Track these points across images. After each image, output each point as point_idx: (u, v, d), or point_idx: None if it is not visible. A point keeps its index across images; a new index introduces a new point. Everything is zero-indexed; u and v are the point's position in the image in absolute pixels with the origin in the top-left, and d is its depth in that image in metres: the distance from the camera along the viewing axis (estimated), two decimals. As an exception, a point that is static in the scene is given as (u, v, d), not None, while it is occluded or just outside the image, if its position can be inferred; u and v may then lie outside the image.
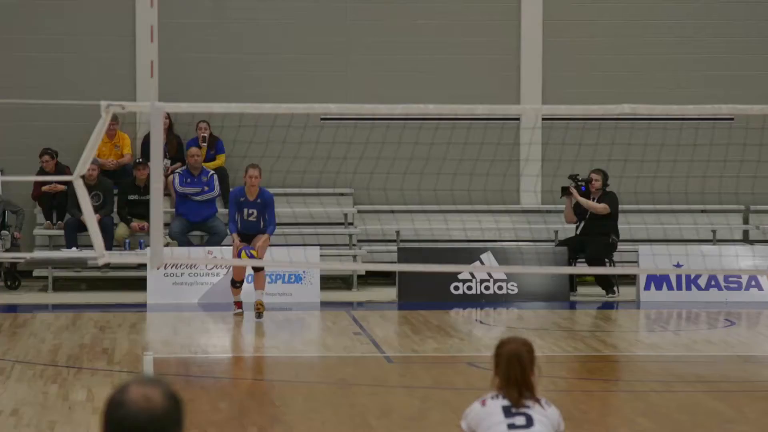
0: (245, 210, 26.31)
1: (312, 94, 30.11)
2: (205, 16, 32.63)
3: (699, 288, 29.80)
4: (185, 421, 5.78)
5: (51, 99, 26.09)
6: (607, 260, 30.18)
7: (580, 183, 29.99)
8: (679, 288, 29.88)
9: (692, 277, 29.83)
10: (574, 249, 30.34)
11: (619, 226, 30.55)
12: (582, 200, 30.13)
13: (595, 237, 30.19)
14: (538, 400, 10.95)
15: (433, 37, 32.85)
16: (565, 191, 30.36)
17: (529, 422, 10.92)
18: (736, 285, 29.92)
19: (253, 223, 26.53)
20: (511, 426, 10.87)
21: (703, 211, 31.87)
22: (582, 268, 30.66)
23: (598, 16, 32.78)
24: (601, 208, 29.96)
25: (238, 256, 26.55)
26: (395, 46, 32.56)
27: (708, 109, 27.06)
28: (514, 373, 10.90)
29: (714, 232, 32.26)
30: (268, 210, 26.77)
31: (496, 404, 10.82)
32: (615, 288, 30.43)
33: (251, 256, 26.22)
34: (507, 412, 10.84)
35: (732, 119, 27.45)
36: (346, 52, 32.50)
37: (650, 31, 33.09)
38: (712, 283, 29.82)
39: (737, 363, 24.10)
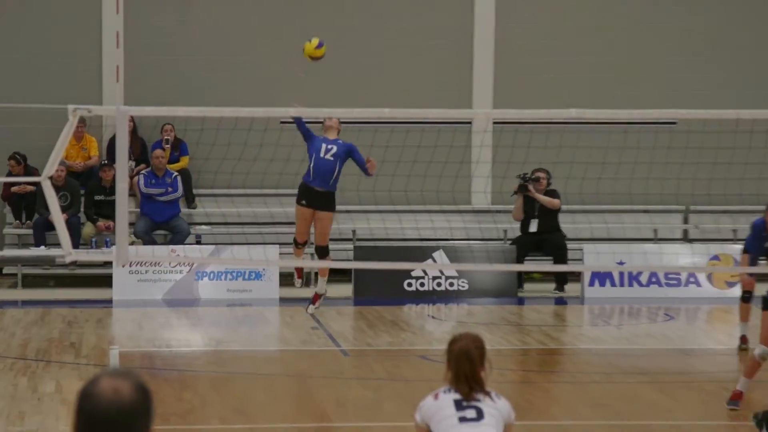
0: (323, 146, 24.04)
1: (272, 98, 30.17)
2: (168, 21, 32.68)
3: (641, 284, 30.05)
4: (152, 411, 5.77)
5: (18, 103, 26.14)
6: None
7: (527, 182, 30.17)
8: (622, 285, 30.14)
9: (634, 274, 30.08)
10: (527, 247, 30.53)
11: (566, 226, 30.78)
12: (538, 196, 30.37)
13: (553, 233, 30.61)
14: (488, 394, 11.05)
15: (389, 42, 33.04)
16: (522, 188, 30.54)
17: (480, 415, 11.02)
18: (675, 282, 30.18)
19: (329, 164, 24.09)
20: (462, 419, 10.98)
21: (645, 212, 32.12)
22: (530, 266, 30.96)
23: (548, 24, 32.91)
24: (557, 202, 30.27)
25: None
26: (353, 51, 32.62)
27: (651, 113, 27.37)
28: (464, 370, 11.02)
29: (655, 231, 32.60)
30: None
31: (447, 398, 10.93)
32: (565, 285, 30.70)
33: None
34: (458, 405, 10.95)
35: (674, 123, 27.67)
36: (299, 39, 32.45)
37: (597, 38, 33.28)
38: (653, 279, 30.08)
39: (676, 355, 24.38)
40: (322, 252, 24.25)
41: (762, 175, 26.01)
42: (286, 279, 29.91)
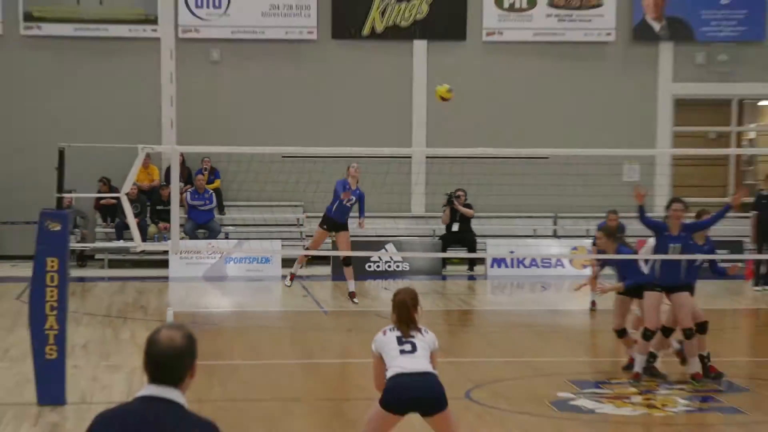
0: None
1: (278, 139, 29.95)
2: (205, 86, 32.38)
3: (525, 266, 30.04)
4: (196, 352, 5.61)
5: (105, 143, 25.89)
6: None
7: (452, 198, 30.31)
8: (513, 266, 30.12)
9: (521, 259, 30.10)
10: (449, 241, 30.61)
11: (476, 227, 30.83)
12: (459, 208, 30.26)
13: (468, 232, 30.56)
14: (419, 330, 10.81)
15: (352, 99, 32.72)
16: (449, 202, 30.36)
17: (414, 348, 10.73)
18: (548, 264, 30.17)
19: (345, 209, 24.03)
20: (402, 351, 10.75)
21: (528, 217, 31.97)
22: (451, 254, 30.75)
23: (466, 84, 32.07)
24: (471, 212, 30.36)
25: None
26: (331, 105, 32.55)
27: (533, 151, 27.65)
28: (403, 314, 10.82)
29: (534, 230, 32.47)
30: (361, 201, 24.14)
31: (392, 335, 10.75)
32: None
33: None
34: (399, 341, 10.72)
35: (547, 158, 27.86)
36: (297, 108, 32.14)
37: (499, 95, 32.95)
38: (533, 263, 29.93)
39: (548, 314, 24.68)
40: (347, 262, 24.25)
41: (602, 191, 26.08)
42: (285, 263, 29.59)
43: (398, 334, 10.89)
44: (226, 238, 31.47)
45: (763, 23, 33.80)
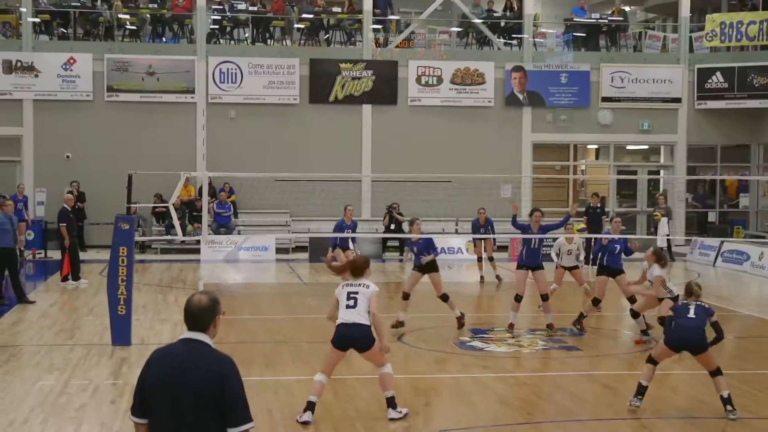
0: (346, 230, 22.45)
1: (273, 168, 30.03)
2: (225, 133, 32.15)
3: (444, 253, 29.71)
4: (218, 309, 5.60)
5: (160, 170, 25.82)
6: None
7: (392, 208, 30.02)
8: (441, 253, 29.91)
9: (438, 249, 29.74)
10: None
11: (405, 226, 30.41)
12: (395, 215, 29.84)
13: (400, 231, 29.77)
14: (365, 284, 10.73)
15: (323, 142, 32.37)
16: (389, 211, 29.94)
17: (355, 303, 10.62)
18: (452, 251, 29.81)
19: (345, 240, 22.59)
20: (347, 306, 10.65)
21: (439, 221, 30.77)
22: (389, 243, 30.61)
23: (399, 133, 32.70)
24: (403, 219, 29.68)
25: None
26: (308, 146, 32.21)
27: (441, 176, 27.52)
28: (354, 274, 10.87)
29: (443, 228, 31.76)
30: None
31: (344, 290, 10.67)
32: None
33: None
34: (348, 296, 10.63)
35: (450, 181, 27.80)
36: (286, 147, 32.16)
37: (421, 141, 32.72)
38: (446, 250, 28.27)
39: (453, 285, 24.06)
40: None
41: (487, 203, 25.94)
42: (278, 251, 29.72)
43: (349, 289, 10.70)
44: (239, 233, 31.08)
45: (589, 95, 33.94)
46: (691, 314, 11.24)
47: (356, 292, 10.76)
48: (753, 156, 35.31)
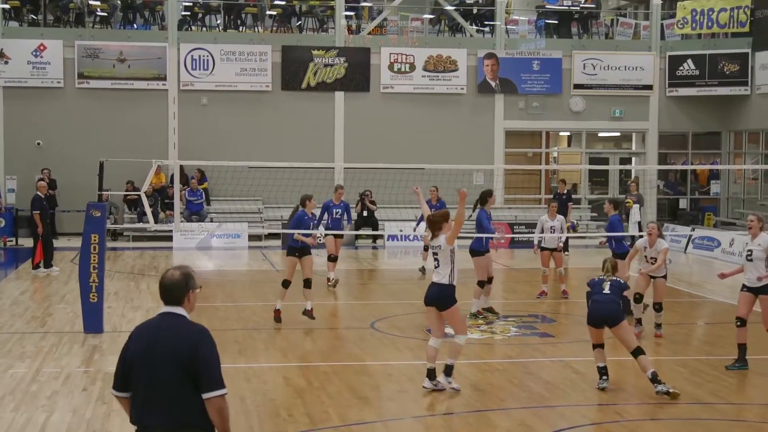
0: (334, 210, 21.31)
1: (246, 156, 29.99)
2: (197, 122, 32.01)
3: (410, 240, 29.63)
4: (191, 283, 5.84)
5: (133, 158, 25.85)
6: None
7: (364, 195, 30.00)
8: (402, 240, 29.72)
9: (407, 235, 29.57)
10: (361, 223, 29.95)
11: (378, 214, 30.43)
12: (368, 203, 29.85)
13: (373, 218, 30.03)
14: (439, 245, 11.25)
15: (295, 130, 32.32)
16: (361, 198, 29.99)
17: (437, 262, 11.26)
18: (416, 240, 29.89)
19: (338, 220, 21.28)
20: (434, 258, 11.33)
21: (411, 207, 30.47)
22: (362, 232, 30.60)
23: (372, 120, 32.71)
24: (375, 208, 29.93)
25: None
26: (281, 134, 32.18)
27: (414, 165, 27.47)
28: (431, 228, 11.34)
29: (416, 215, 31.02)
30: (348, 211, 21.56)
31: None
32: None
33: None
34: (433, 257, 11.29)
35: (423, 169, 27.75)
36: (259, 136, 32.13)
37: (393, 129, 32.73)
38: (416, 237, 28.90)
39: (414, 270, 24.32)
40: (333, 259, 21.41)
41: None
42: (251, 238, 29.72)
43: (432, 250, 11.40)
44: (211, 221, 31.06)
45: (561, 82, 34.01)
46: (606, 290, 11.72)
47: (436, 253, 11.32)
48: (724, 143, 35.51)
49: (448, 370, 11.52)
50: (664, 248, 14.86)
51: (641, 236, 15.98)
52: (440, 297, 11.24)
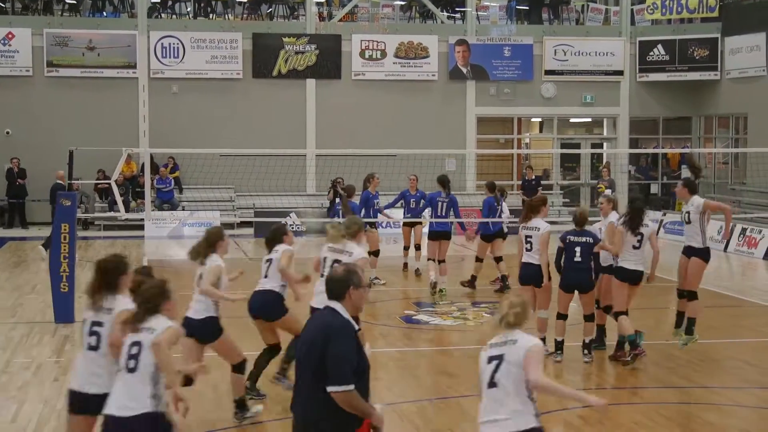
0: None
1: (217, 144, 29.96)
2: (169, 109, 31.83)
3: (382, 227, 29.52)
4: (354, 281, 5.92)
5: (104, 147, 25.70)
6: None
7: (336, 182, 29.94)
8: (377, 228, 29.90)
9: (380, 222, 29.47)
10: (332, 212, 29.86)
11: (349, 201, 30.37)
12: (339, 190, 29.58)
13: (346, 206, 30.02)
14: (536, 227, 12.18)
15: (266, 117, 32.18)
16: (333, 186, 29.69)
17: (530, 245, 12.11)
18: (398, 226, 29.66)
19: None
20: (526, 241, 12.23)
21: (384, 194, 30.22)
22: (334, 220, 30.51)
23: (343, 107, 32.60)
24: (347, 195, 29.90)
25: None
26: (252, 121, 32.06)
27: (386, 151, 27.46)
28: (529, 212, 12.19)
29: (387, 202, 31.87)
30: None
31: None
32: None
33: None
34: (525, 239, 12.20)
35: (395, 155, 27.67)
36: (230, 123, 31.99)
37: (364, 116, 32.62)
38: (388, 224, 27.87)
39: (399, 258, 23.99)
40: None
41: (431, 176, 26.06)
42: (223, 226, 29.54)
43: (525, 232, 12.23)
44: (183, 209, 30.89)
45: (532, 68, 34.05)
46: (578, 257, 12.10)
47: (530, 236, 12.12)
48: (694, 128, 35.67)
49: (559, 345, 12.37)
50: (609, 223, 12.63)
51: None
52: (533, 276, 12.16)
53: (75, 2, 32.74)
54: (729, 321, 15.93)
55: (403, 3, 35.12)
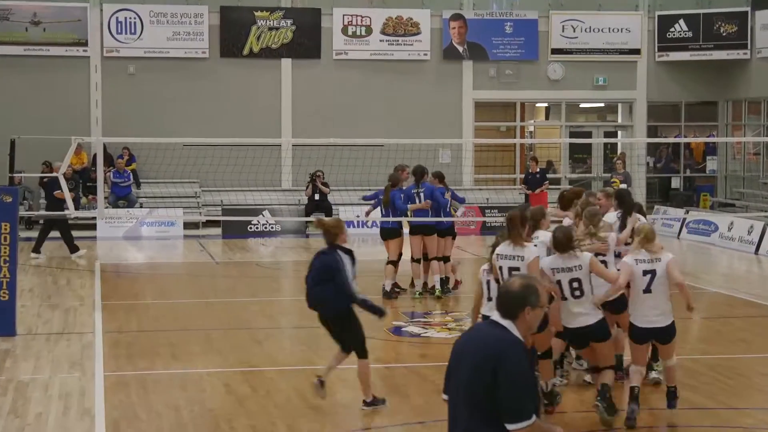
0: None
1: (180, 132, 29.84)
2: (124, 94, 31.79)
3: (368, 227, 29.39)
4: (531, 301, 5.48)
5: (49, 135, 25.69)
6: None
7: (315, 176, 29.96)
8: (359, 227, 29.27)
9: (365, 221, 29.42)
10: (312, 208, 29.81)
11: (331, 198, 30.43)
12: (320, 185, 29.73)
13: (326, 202, 29.89)
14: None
15: (236, 102, 32.22)
16: (313, 180, 29.78)
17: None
18: (386, 225, 29.85)
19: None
20: None
21: (370, 189, 30.67)
22: (312, 218, 30.55)
23: (323, 91, 32.67)
24: (327, 190, 29.86)
25: None
26: (220, 106, 32.07)
27: (372, 141, 27.50)
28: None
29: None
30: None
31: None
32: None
33: None
34: None
35: (382, 146, 27.62)
36: (194, 108, 31.98)
37: (347, 100, 32.71)
38: (374, 224, 28.20)
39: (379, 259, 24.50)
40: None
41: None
42: (186, 226, 29.68)
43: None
44: (141, 207, 30.87)
45: (537, 47, 34.08)
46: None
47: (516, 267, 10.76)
48: (720, 114, 35.72)
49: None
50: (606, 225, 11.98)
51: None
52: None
53: (17, -29, 32.66)
54: (761, 333, 15.92)
55: (390, -28, 35.11)
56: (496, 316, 5.60)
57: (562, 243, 10.40)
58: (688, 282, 15.18)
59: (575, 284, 10.39)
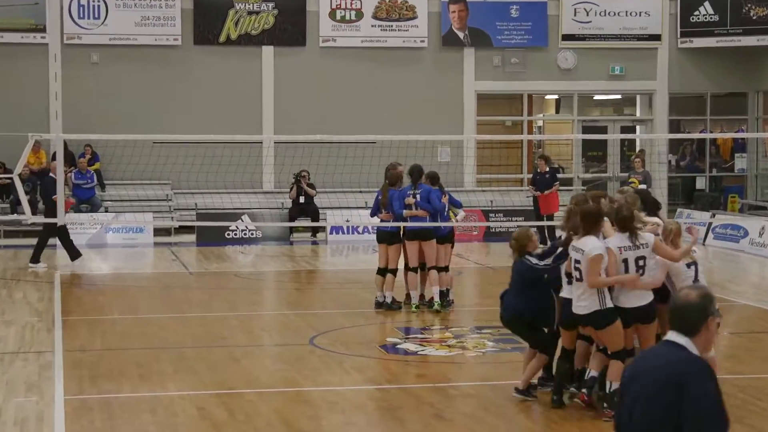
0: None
1: (149, 128, 29.84)
2: (87, 85, 31.82)
3: (359, 233, 29.67)
4: (711, 310, 5.43)
5: (1, 132, 25.68)
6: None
7: (299, 177, 29.99)
8: (349, 233, 29.78)
9: (355, 226, 29.63)
10: (296, 212, 29.90)
11: (318, 200, 30.36)
12: (304, 186, 29.78)
13: (312, 205, 29.98)
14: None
15: (212, 94, 32.18)
16: (297, 182, 29.91)
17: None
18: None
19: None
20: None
21: (360, 191, 30.40)
22: (297, 223, 30.51)
23: (308, 81, 32.67)
24: (314, 192, 29.93)
25: None
26: (194, 100, 32.07)
27: (363, 137, 27.49)
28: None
29: (366, 202, 31.11)
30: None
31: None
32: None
33: None
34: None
35: (375, 143, 27.67)
36: (165, 102, 32.02)
37: (335, 92, 32.81)
38: (366, 229, 29.00)
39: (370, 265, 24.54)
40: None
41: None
42: (156, 232, 29.70)
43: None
44: (106, 211, 30.86)
45: (546, 32, 34.14)
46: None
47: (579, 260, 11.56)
48: (750, 107, 35.78)
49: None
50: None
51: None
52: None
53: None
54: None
55: (383, -50, 35.16)
56: (670, 334, 5.51)
57: (629, 220, 11.54)
58: (716, 293, 15.20)
59: (641, 262, 11.43)
